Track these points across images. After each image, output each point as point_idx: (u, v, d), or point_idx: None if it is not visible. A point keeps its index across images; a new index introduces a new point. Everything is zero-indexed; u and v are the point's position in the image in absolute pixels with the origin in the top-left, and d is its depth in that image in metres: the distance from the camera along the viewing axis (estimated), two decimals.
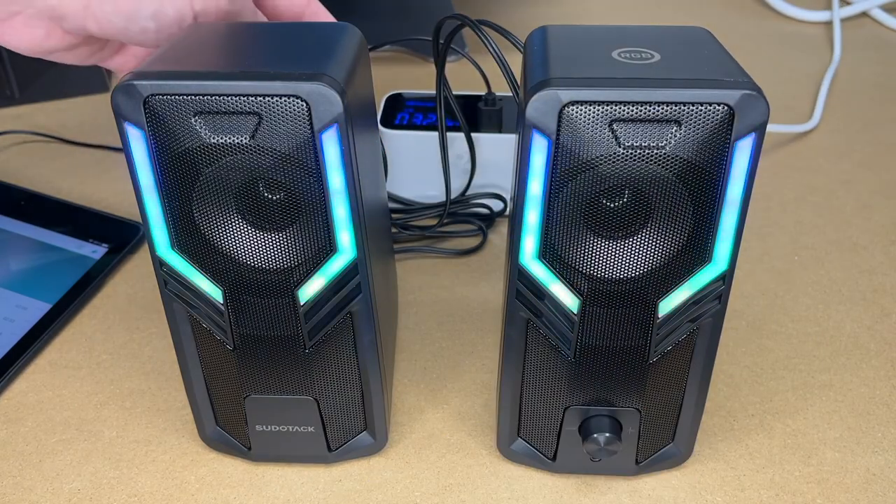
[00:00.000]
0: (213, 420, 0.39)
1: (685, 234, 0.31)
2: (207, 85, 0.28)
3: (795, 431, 0.42)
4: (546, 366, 0.35)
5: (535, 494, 0.38)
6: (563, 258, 0.32)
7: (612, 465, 0.38)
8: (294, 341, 0.35)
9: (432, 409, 0.43)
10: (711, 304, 0.33)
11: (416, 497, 0.38)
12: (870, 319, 0.50)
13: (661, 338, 0.34)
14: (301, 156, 0.30)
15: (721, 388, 0.44)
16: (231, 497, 0.38)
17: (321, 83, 0.28)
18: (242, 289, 0.33)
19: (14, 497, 0.38)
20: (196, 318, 0.35)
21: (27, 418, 0.43)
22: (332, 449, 0.39)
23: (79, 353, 0.47)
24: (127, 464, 0.40)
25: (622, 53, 0.31)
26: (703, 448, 0.40)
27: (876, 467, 0.39)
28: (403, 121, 0.58)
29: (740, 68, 0.29)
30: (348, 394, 0.37)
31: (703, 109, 0.28)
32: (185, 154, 0.30)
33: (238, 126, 0.29)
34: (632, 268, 0.32)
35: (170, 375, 0.45)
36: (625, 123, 0.28)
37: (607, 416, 0.36)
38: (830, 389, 0.44)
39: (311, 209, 0.31)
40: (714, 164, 0.29)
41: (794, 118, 0.75)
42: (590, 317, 0.33)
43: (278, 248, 0.32)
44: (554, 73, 0.29)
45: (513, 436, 0.39)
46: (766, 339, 0.48)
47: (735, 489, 0.38)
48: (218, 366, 0.37)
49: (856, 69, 0.86)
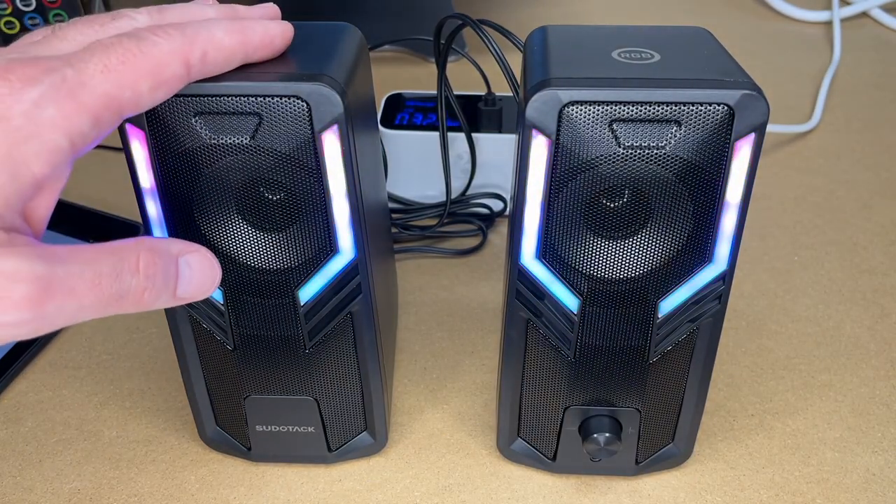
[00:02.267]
0: (213, 420, 0.39)
1: (685, 235, 0.31)
2: (208, 86, 0.28)
3: (795, 431, 0.42)
4: (546, 366, 0.35)
5: (535, 494, 0.38)
6: (563, 258, 0.32)
7: (612, 465, 0.38)
8: (294, 341, 0.35)
9: (432, 409, 0.43)
10: (711, 304, 0.33)
11: (416, 497, 0.38)
12: (870, 319, 0.50)
13: (661, 338, 0.34)
14: (301, 156, 0.30)
15: (721, 388, 0.44)
16: (231, 497, 0.38)
17: (321, 83, 0.28)
18: (243, 289, 0.33)
19: (14, 497, 0.38)
20: (196, 319, 0.35)
21: (27, 418, 0.43)
22: (332, 449, 0.39)
23: (79, 353, 0.47)
24: (127, 464, 0.40)
25: (622, 53, 0.31)
26: (703, 448, 0.40)
27: (876, 467, 0.39)
28: (403, 121, 0.58)
29: (740, 68, 0.29)
30: (348, 394, 0.37)
31: (703, 109, 0.28)
32: (185, 154, 0.30)
33: (238, 126, 0.29)
34: (632, 268, 0.32)
35: (170, 375, 0.45)
36: (625, 123, 0.28)
37: (607, 416, 0.36)
38: (830, 389, 0.44)
39: (312, 209, 0.31)
40: (714, 164, 0.29)
41: (794, 118, 0.75)
42: (590, 317, 0.33)
43: (278, 248, 0.32)
44: (554, 73, 0.29)
45: (513, 436, 0.39)
46: (766, 339, 0.48)
47: (735, 489, 0.38)
48: (218, 366, 0.37)
49: (856, 69, 0.86)
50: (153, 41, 0.25)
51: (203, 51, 0.27)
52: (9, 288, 0.21)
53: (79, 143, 0.24)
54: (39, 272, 0.22)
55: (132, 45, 0.25)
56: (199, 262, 0.27)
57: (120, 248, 0.25)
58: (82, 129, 0.23)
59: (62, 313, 0.23)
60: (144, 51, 0.25)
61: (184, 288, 0.27)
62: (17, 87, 0.22)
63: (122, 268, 0.24)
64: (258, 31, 0.29)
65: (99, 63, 0.24)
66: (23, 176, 0.23)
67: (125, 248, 0.25)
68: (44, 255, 0.22)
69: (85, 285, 0.23)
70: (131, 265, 0.24)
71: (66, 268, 0.23)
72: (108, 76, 0.24)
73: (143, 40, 0.25)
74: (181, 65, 0.26)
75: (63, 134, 0.23)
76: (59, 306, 0.22)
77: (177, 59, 0.26)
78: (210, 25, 0.27)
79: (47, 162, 0.23)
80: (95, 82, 0.24)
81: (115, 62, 0.24)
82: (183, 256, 0.27)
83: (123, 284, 0.24)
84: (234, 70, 0.29)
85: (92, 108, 0.24)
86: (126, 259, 0.24)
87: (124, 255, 0.24)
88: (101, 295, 0.24)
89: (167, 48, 0.25)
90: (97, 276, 0.23)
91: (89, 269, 0.23)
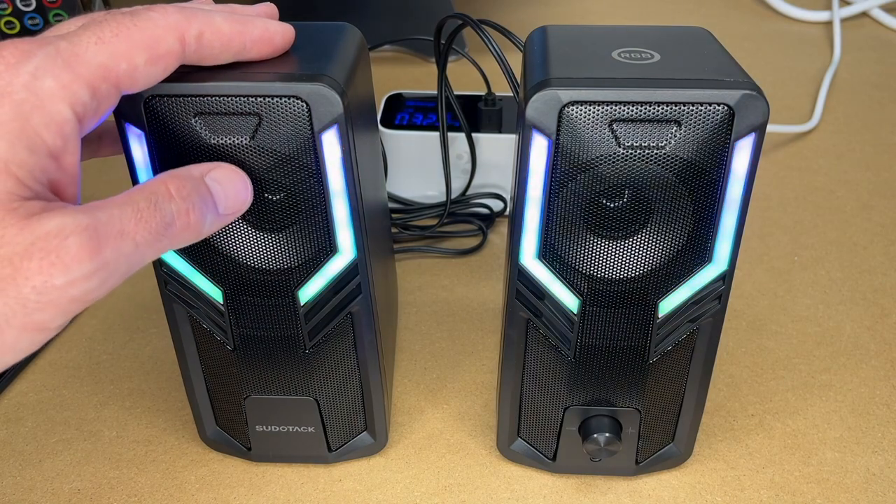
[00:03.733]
0: (214, 420, 0.39)
1: (685, 235, 0.31)
2: (207, 86, 0.28)
3: (795, 431, 0.42)
4: (546, 366, 0.35)
5: (535, 494, 0.38)
6: (563, 258, 0.32)
7: (612, 465, 0.38)
8: (294, 342, 0.35)
9: (432, 409, 0.43)
10: (711, 304, 0.33)
11: (416, 497, 0.38)
12: (870, 319, 0.50)
13: (661, 338, 0.34)
14: (301, 156, 0.30)
15: (721, 388, 0.44)
16: (231, 497, 0.38)
17: (321, 84, 0.28)
18: (242, 289, 0.33)
19: (14, 497, 0.38)
20: (196, 319, 0.35)
21: (27, 418, 0.43)
22: (332, 449, 0.39)
23: (79, 353, 0.47)
24: (127, 464, 0.40)
25: (622, 53, 0.31)
26: (703, 448, 0.40)
27: (876, 467, 0.39)
28: (403, 121, 0.58)
29: (740, 68, 0.29)
30: (348, 394, 0.37)
31: (703, 109, 0.28)
32: (185, 155, 0.30)
33: (238, 127, 0.29)
34: (632, 268, 0.32)
35: (170, 375, 0.45)
36: (625, 123, 0.28)
37: (607, 416, 0.36)
38: (830, 389, 0.44)
39: (311, 210, 0.31)
40: (714, 164, 0.29)
41: (794, 118, 0.75)
42: (590, 317, 0.33)
43: (278, 248, 0.32)
44: (554, 73, 0.29)
45: (513, 436, 0.39)
46: (766, 339, 0.48)
47: (735, 489, 0.38)
48: (218, 366, 0.37)
49: (856, 69, 0.86)
50: (148, 16, 0.25)
51: (200, 30, 0.26)
52: (61, 245, 0.22)
53: (81, 114, 0.24)
54: (85, 223, 0.22)
55: (125, 19, 0.25)
56: (226, 176, 0.27)
57: (146, 184, 0.25)
58: (83, 98, 0.23)
59: (121, 255, 0.23)
60: (139, 24, 0.25)
61: (223, 204, 0.27)
62: (13, 63, 0.22)
63: (157, 198, 0.24)
64: (258, 26, 0.29)
65: (92, 35, 0.24)
66: (39, 149, 0.23)
67: (151, 183, 0.25)
68: (83, 208, 0.23)
69: (131, 223, 0.23)
70: (164, 193, 0.25)
71: (107, 213, 0.23)
72: (102, 47, 0.24)
73: (137, 15, 0.25)
74: (176, 40, 0.26)
75: (66, 104, 0.23)
76: (116, 249, 0.23)
77: (172, 34, 0.26)
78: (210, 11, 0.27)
79: (57, 133, 0.23)
80: (90, 54, 0.24)
81: (108, 35, 0.24)
82: (207, 175, 0.27)
83: (165, 212, 0.24)
84: (233, 70, 0.29)
85: (88, 78, 0.23)
86: (156, 191, 0.25)
87: (153, 188, 0.25)
88: (149, 227, 0.24)
89: (163, 23, 0.25)
90: (137, 211, 0.24)
91: (128, 208, 0.24)
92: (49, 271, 0.21)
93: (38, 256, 0.21)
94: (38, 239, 0.21)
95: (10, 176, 0.22)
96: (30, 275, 0.21)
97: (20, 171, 0.22)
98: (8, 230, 0.21)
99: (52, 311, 0.22)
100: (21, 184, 0.22)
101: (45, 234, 0.21)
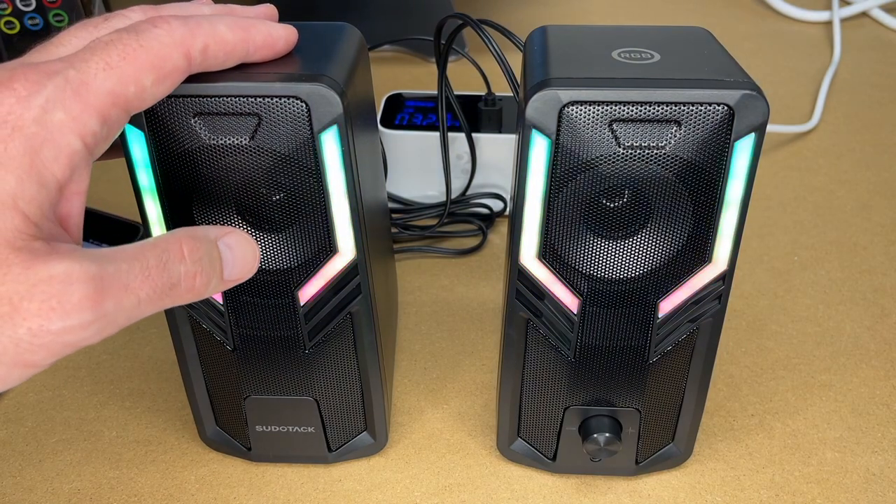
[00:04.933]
0: (213, 420, 0.39)
1: (685, 235, 0.31)
2: (207, 86, 0.28)
3: (795, 431, 0.42)
4: (546, 366, 0.35)
5: (535, 494, 0.38)
6: (563, 258, 0.32)
7: (612, 465, 0.38)
8: (294, 342, 0.35)
9: (432, 409, 0.43)
10: (711, 304, 0.33)
11: (416, 497, 0.38)
12: (870, 319, 0.50)
13: (661, 338, 0.34)
14: (301, 156, 0.30)
15: (721, 388, 0.44)
16: (231, 497, 0.38)
17: (321, 84, 0.28)
18: (242, 289, 0.33)
19: (14, 497, 0.38)
20: (196, 319, 0.35)
21: (27, 418, 0.43)
22: (332, 449, 0.39)
23: (79, 353, 0.47)
24: (127, 464, 0.40)
25: (622, 53, 0.31)
26: (703, 448, 0.40)
27: (876, 467, 0.39)
28: (403, 121, 0.58)
29: (740, 68, 0.29)
30: (348, 394, 0.37)
31: (703, 109, 0.28)
32: (184, 155, 0.30)
33: (238, 127, 0.29)
34: (632, 268, 0.32)
35: (170, 375, 0.45)
36: (625, 123, 0.28)
37: (607, 416, 0.36)
38: (830, 389, 0.44)
39: (311, 210, 0.31)
40: (714, 164, 0.29)
41: (794, 118, 0.75)
42: (590, 317, 0.33)
43: (278, 248, 0.32)
44: (554, 73, 0.29)
45: (513, 436, 0.39)
46: (766, 339, 0.48)
47: (735, 489, 0.38)
48: (218, 367, 0.37)
49: (856, 69, 0.86)
50: (153, 34, 0.25)
51: (204, 43, 0.26)
52: (65, 291, 0.21)
53: (91, 144, 0.24)
54: (92, 272, 0.22)
55: (131, 39, 0.24)
56: (238, 243, 0.27)
57: (161, 240, 0.25)
58: (93, 128, 0.23)
59: (122, 310, 0.23)
60: (144, 45, 0.25)
61: (229, 270, 0.27)
62: (24, 95, 0.22)
63: (168, 257, 0.24)
64: (262, 31, 0.29)
65: (100, 61, 0.24)
66: (48, 183, 0.23)
67: (166, 239, 0.25)
68: (91, 256, 0.22)
69: (137, 279, 0.23)
70: (176, 253, 0.25)
71: (115, 265, 0.23)
72: (110, 73, 0.24)
73: (142, 34, 0.25)
74: (182, 57, 0.26)
75: (76, 135, 0.23)
76: (118, 302, 0.23)
77: (178, 51, 0.25)
78: (213, 19, 0.27)
79: (66, 166, 0.23)
80: (98, 81, 0.23)
81: (115, 59, 0.24)
82: (221, 239, 0.27)
83: (173, 272, 0.24)
84: (233, 70, 0.29)
85: (98, 107, 0.23)
86: (169, 249, 0.25)
87: (167, 246, 0.25)
88: (155, 286, 0.24)
89: (168, 40, 0.25)
90: (146, 268, 0.24)
91: (137, 264, 0.23)
92: (48, 315, 0.21)
93: (39, 299, 0.21)
94: (42, 281, 0.21)
95: (18, 213, 0.22)
96: (28, 316, 0.21)
97: (28, 207, 0.22)
98: (12, 269, 0.21)
99: (44, 354, 0.22)
100: (29, 221, 0.22)
101: (50, 277, 0.21)
